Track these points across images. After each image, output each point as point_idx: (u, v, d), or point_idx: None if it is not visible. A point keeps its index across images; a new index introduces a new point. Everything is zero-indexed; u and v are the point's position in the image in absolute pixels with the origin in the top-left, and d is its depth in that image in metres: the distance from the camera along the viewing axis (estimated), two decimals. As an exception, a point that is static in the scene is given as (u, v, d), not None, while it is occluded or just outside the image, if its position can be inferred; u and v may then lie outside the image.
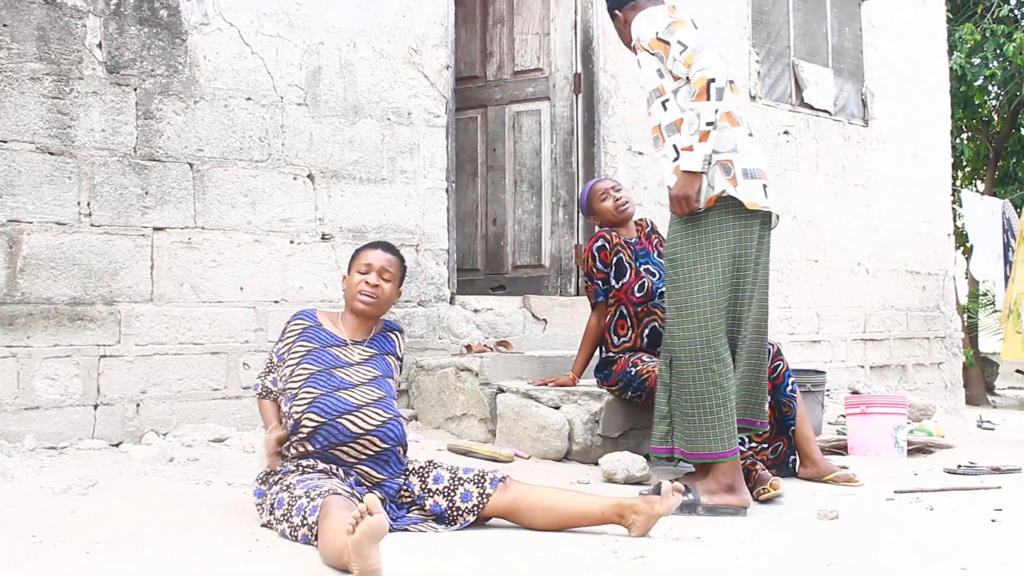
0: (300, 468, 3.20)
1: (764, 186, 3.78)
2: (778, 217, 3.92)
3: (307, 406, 3.23)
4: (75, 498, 3.54)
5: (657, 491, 3.27)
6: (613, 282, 4.67)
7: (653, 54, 3.86)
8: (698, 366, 3.69)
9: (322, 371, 3.33)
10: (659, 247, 4.82)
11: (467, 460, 4.40)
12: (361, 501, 3.00)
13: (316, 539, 2.84)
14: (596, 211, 4.83)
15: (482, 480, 3.21)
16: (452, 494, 3.18)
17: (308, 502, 2.94)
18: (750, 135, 3.88)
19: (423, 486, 3.23)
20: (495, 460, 4.53)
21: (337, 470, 3.18)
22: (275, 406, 3.45)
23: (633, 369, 4.53)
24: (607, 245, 4.70)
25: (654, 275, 4.67)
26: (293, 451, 3.26)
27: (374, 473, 3.22)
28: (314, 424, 3.20)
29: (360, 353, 3.44)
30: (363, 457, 3.21)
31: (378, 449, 3.21)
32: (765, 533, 3.34)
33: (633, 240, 4.78)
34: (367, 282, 3.44)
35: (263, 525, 3.18)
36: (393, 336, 3.57)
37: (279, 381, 3.43)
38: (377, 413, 3.25)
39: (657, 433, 3.83)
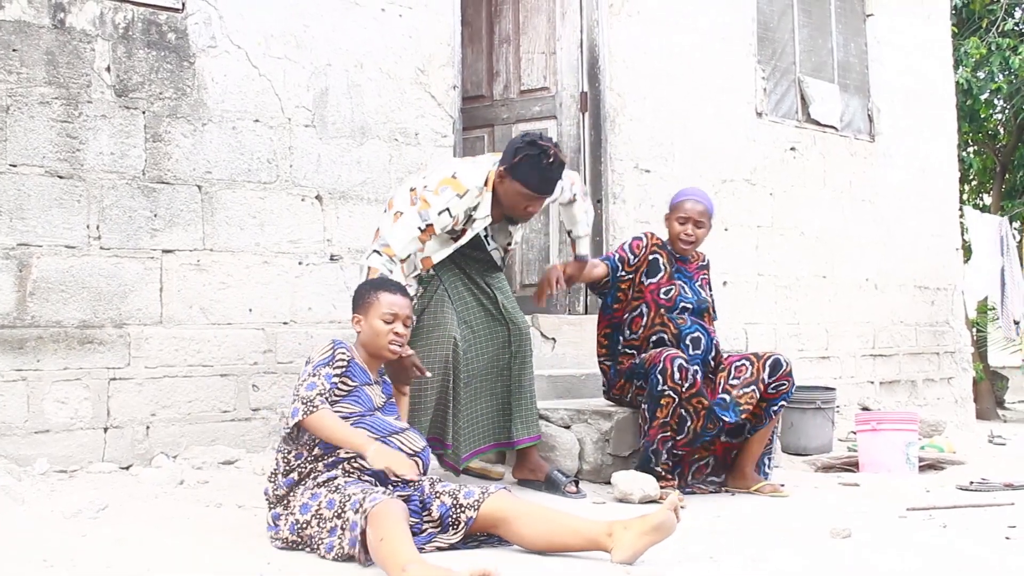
0: (345, 471, 3.24)
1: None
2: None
3: (356, 424, 3.31)
4: (86, 522, 3.53)
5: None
6: (644, 279, 4.71)
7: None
8: None
9: (363, 412, 3.39)
10: (704, 284, 4.86)
11: (482, 482, 4.38)
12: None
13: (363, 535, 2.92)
14: (666, 223, 4.84)
15: (485, 486, 3.31)
16: (456, 493, 3.25)
17: (363, 497, 3.00)
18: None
19: (432, 489, 3.29)
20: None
21: (376, 485, 3.22)
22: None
23: (638, 359, 4.61)
24: (644, 243, 4.77)
25: (685, 292, 4.71)
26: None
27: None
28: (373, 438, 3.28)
29: (380, 396, 3.51)
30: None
31: (417, 472, 3.31)
32: (777, 552, 3.32)
33: (680, 256, 4.80)
34: (396, 332, 3.47)
35: (284, 546, 3.19)
36: (386, 378, 3.65)
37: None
38: (415, 438, 3.42)
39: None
